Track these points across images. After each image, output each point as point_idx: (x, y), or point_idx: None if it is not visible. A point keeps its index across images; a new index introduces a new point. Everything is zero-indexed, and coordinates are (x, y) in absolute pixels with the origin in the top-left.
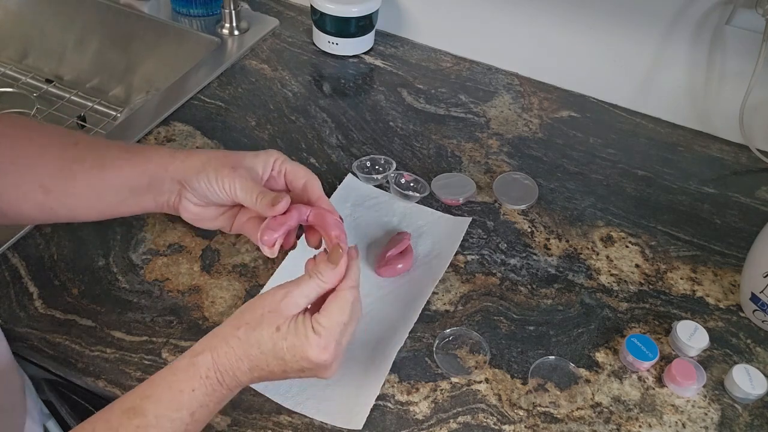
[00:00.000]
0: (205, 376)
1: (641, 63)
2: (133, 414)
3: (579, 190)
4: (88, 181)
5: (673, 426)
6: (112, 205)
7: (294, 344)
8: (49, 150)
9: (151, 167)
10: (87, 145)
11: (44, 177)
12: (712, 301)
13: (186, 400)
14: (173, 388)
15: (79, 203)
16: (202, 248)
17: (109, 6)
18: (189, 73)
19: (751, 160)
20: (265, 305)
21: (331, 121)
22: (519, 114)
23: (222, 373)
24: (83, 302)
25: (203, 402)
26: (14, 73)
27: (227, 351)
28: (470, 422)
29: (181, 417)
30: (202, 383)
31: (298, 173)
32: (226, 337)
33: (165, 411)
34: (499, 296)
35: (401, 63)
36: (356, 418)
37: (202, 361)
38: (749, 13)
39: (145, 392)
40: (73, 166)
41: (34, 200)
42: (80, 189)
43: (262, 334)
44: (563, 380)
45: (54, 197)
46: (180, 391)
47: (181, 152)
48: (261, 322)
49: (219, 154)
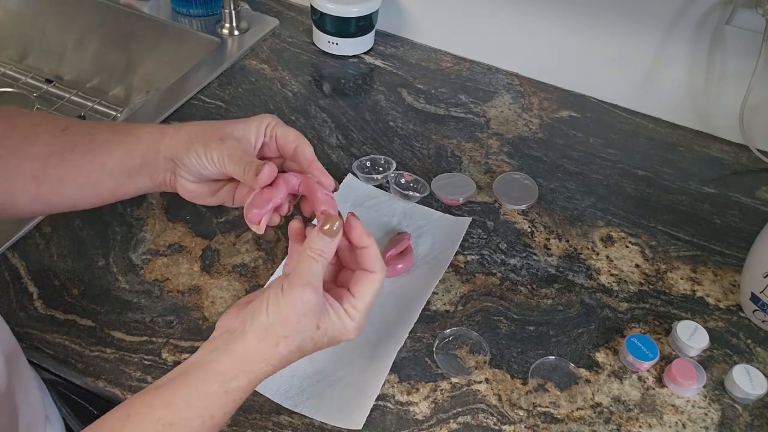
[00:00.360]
0: (240, 398)
1: (641, 63)
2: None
3: (579, 190)
4: (80, 167)
5: (673, 426)
6: (110, 189)
7: (334, 335)
8: (38, 138)
9: (141, 147)
10: (76, 130)
11: (35, 167)
12: (712, 301)
13: (218, 423)
14: (204, 415)
15: (74, 191)
16: (202, 248)
17: (109, 6)
18: (189, 73)
19: (751, 160)
20: (298, 312)
21: (331, 121)
22: (519, 114)
23: (254, 384)
24: (83, 302)
25: (231, 414)
26: (14, 73)
27: (266, 369)
28: (470, 422)
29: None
30: (235, 404)
31: (288, 137)
32: (266, 358)
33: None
34: (499, 296)
35: (401, 63)
36: (356, 418)
37: (238, 387)
38: (749, 13)
39: (169, 418)
40: (64, 153)
41: (27, 191)
42: (74, 176)
43: (304, 339)
44: (563, 380)
45: (47, 187)
46: (212, 417)
47: (170, 127)
48: (299, 330)
49: (208, 126)
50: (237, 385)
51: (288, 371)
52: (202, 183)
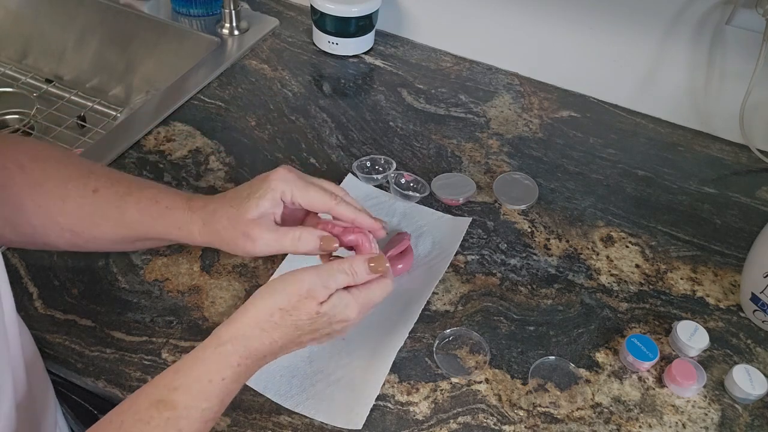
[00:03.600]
0: (237, 364)
1: (641, 63)
2: (163, 407)
3: (579, 190)
4: (115, 233)
5: (673, 426)
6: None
7: (334, 315)
8: (69, 195)
9: (173, 238)
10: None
11: (70, 222)
12: (713, 302)
13: (216, 389)
14: (202, 379)
15: (111, 246)
16: (202, 248)
17: (109, 6)
18: (189, 73)
19: (751, 160)
20: (301, 292)
21: (331, 121)
22: (519, 114)
23: (253, 359)
24: (83, 302)
25: (232, 388)
26: (14, 73)
27: (260, 336)
28: (470, 422)
29: (211, 406)
30: (232, 371)
31: (314, 203)
32: (260, 322)
33: (195, 402)
34: (499, 296)
35: (401, 63)
36: (356, 418)
37: (233, 350)
38: (749, 13)
39: (173, 384)
40: (97, 219)
41: (63, 238)
42: (109, 236)
43: (300, 316)
44: (563, 380)
45: (83, 240)
46: (209, 381)
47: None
48: (298, 308)
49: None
50: (232, 348)
51: (288, 371)
52: None
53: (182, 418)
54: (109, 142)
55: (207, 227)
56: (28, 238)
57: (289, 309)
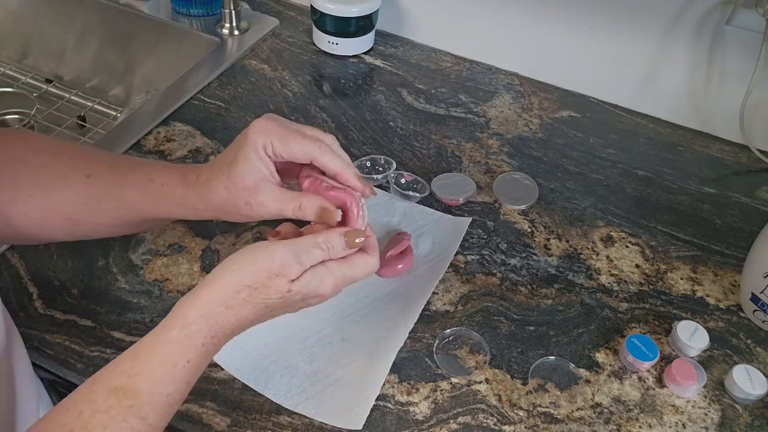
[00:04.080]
0: (201, 345)
1: (641, 63)
2: (124, 395)
3: (579, 190)
4: (115, 216)
5: (673, 426)
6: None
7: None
8: (71, 184)
9: (174, 216)
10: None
11: (69, 210)
12: (713, 302)
13: (181, 372)
14: (166, 362)
15: (108, 231)
16: (201, 248)
17: (109, 6)
18: (189, 73)
19: (751, 160)
20: (272, 269)
21: (331, 121)
22: (519, 114)
23: (220, 337)
24: (83, 302)
25: (199, 368)
26: (14, 73)
27: (227, 313)
28: (470, 422)
29: (177, 389)
30: (197, 352)
31: (295, 154)
32: (226, 300)
33: (160, 387)
34: (499, 296)
35: (401, 63)
36: (356, 419)
37: (198, 330)
38: (749, 13)
39: (133, 370)
40: (99, 204)
41: (63, 228)
42: (109, 222)
43: (270, 294)
44: (563, 380)
45: (83, 229)
46: (174, 365)
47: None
48: (267, 285)
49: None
50: (197, 329)
51: (288, 371)
52: None
53: (146, 405)
54: (109, 142)
55: (207, 202)
56: (27, 231)
57: (258, 287)
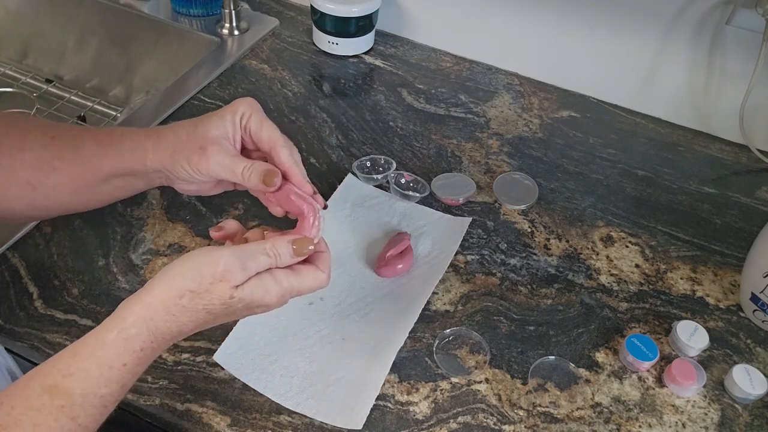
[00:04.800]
0: (140, 349)
1: (641, 63)
2: (57, 394)
3: (579, 190)
4: (71, 177)
5: (673, 426)
6: (106, 193)
7: (252, 301)
8: (28, 146)
9: (126, 162)
10: (64, 139)
11: (29, 174)
12: (712, 301)
13: (116, 375)
14: (102, 364)
15: (68, 197)
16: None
17: (109, 6)
18: (189, 73)
19: (751, 160)
20: (215, 275)
21: (331, 121)
22: (519, 114)
23: (159, 341)
24: (83, 302)
25: (135, 372)
26: (14, 73)
27: (168, 319)
28: (470, 422)
29: (111, 392)
30: (135, 356)
31: (261, 135)
32: (167, 305)
33: (93, 389)
34: (499, 296)
35: (401, 63)
36: (356, 418)
37: (137, 334)
38: (749, 13)
39: (69, 369)
40: (53, 162)
41: (23, 196)
42: (66, 184)
43: (212, 300)
44: (563, 380)
45: (42, 193)
46: (110, 368)
47: (151, 138)
48: (210, 291)
49: (183, 135)
50: (135, 332)
51: (288, 371)
52: (199, 183)
53: (77, 405)
54: None
55: (162, 142)
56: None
57: (201, 292)
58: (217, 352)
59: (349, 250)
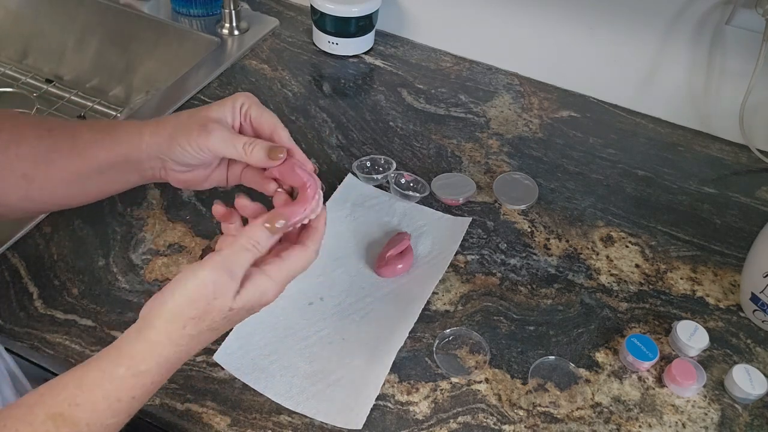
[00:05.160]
0: (150, 383)
1: (641, 63)
2: (62, 423)
3: (579, 190)
4: (66, 167)
5: (673, 426)
6: (100, 186)
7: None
8: (24, 139)
9: (123, 149)
10: (60, 132)
11: (24, 166)
12: (712, 301)
13: (125, 407)
14: (110, 397)
15: (63, 190)
16: (202, 248)
17: (109, 6)
18: (189, 73)
19: (751, 160)
20: (208, 295)
21: (331, 121)
22: (519, 114)
23: (169, 370)
24: (83, 302)
25: (142, 401)
26: (14, 73)
27: (177, 350)
28: (470, 422)
29: (117, 421)
30: (144, 390)
31: (263, 119)
32: (174, 340)
33: (100, 419)
34: (499, 296)
35: (401, 63)
36: (356, 418)
37: (147, 370)
38: (749, 13)
39: (75, 399)
40: (50, 155)
41: (18, 189)
42: (62, 176)
43: (214, 318)
44: (563, 380)
45: (37, 186)
46: (118, 401)
47: (149, 125)
48: (209, 311)
49: (184, 116)
50: (145, 369)
51: (288, 371)
52: (194, 171)
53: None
54: None
55: (161, 126)
56: None
57: (201, 316)
58: (217, 352)
59: (349, 250)
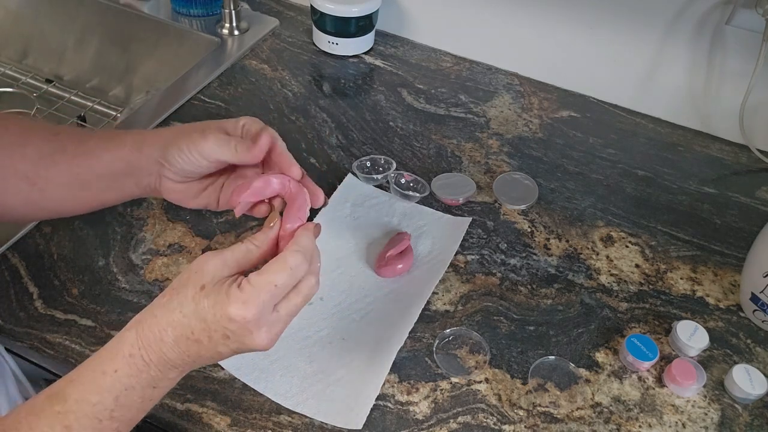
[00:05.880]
0: (129, 354)
1: (641, 63)
2: (56, 399)
3: (579, 190)
4: (70, 170)
5: (673, 426)
6: (98, 193)
7: (216, 301)
8: (30, 141)
9: (126, 151)
10: (67, 136)
11: (27, 167)
12: (712, 301)
13: (108, 382)
14: (96, 369)
15: (64, 194)
16: (201, 248)
17: (109, 6)
18: (189, 73)
19: (751, 160)
20: (192, 268)
21: (331, 121)
22: (519, 114)
23: (146, 349)
24: (83, 302)
25: (128, 384)
26: (14, 73)
27: (151, 322)
28: (470, 422)
29: (102, 401)
30: (125, 362)
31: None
32: (152, 307)
33: (86, 395)
34: (499, 296)
35: (401, 63)
36: (356, 418)
37: (127, 337)
38: (749, 13)
39: (71, 376)
40: (55, 156)
41: (20, 191)
42: (64, 178)
43: (186, 294)
44: (563, 380)
45: (39, 188)
46: (102, 373)
47: (152, 132)
48: (186, 285)
49: (187, 125)
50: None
51: (288, 371)
52: (188, 183)
53: (71, 413)
54: None
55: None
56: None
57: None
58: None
59: (349, 250)
